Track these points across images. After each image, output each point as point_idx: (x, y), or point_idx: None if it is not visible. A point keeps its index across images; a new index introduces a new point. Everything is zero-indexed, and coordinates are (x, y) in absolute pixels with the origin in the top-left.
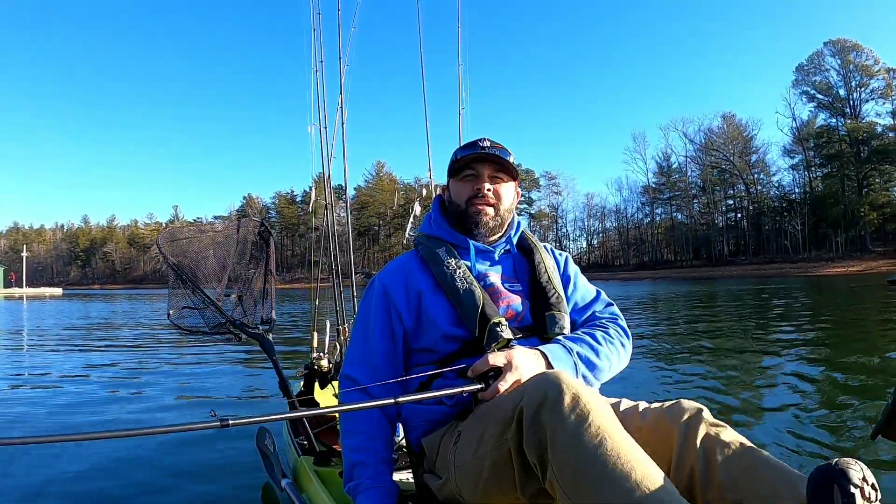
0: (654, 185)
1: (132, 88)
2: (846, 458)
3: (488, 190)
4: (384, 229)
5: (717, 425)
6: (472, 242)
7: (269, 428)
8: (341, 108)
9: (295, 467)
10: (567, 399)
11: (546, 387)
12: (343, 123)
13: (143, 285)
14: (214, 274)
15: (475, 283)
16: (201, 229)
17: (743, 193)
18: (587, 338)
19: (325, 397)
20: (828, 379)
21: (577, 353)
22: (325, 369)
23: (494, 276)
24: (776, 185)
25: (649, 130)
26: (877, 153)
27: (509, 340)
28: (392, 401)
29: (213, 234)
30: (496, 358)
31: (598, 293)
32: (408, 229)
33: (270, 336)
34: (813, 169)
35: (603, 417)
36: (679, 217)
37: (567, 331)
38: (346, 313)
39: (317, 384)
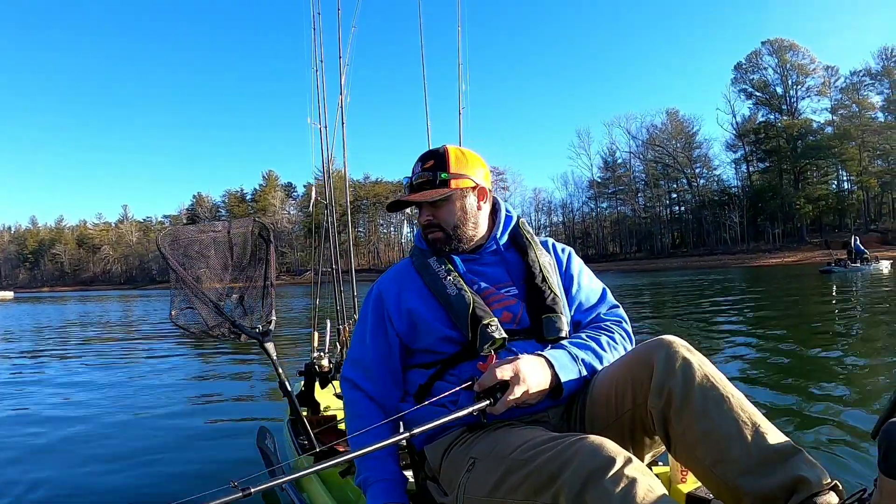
0: (598, 180)
1: (76, 87)
2: None
3: (427, 220)
4: (334, 227)
5: (697, 356)
6: (454, 256)
7: (269, 427)
8: (341, 107)
9: (295, 467)
10: (611, 473)
11: (590, 461)
12: (343, 123)
13: (94, 286)
14: (216, 275)
15: (466, 287)
16: (202, 230)
17: (685, 188)
18: (592, 343)
19: (326, 397)
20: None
21: (583, 360)
22: (326, 369)
23: (486, 280)
24: (717, 179)
25: (594, 127)
26: (811, 148)
27: (504, 340)
28: (405, 435)
29: (214, 234)
30: (503, 371)
31: (604, 293)
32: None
33: (270, 336)
34: (752, 163)
35: (649, 489)
36: (624, 210)
37: (565, 332)
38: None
39: (317, 384)
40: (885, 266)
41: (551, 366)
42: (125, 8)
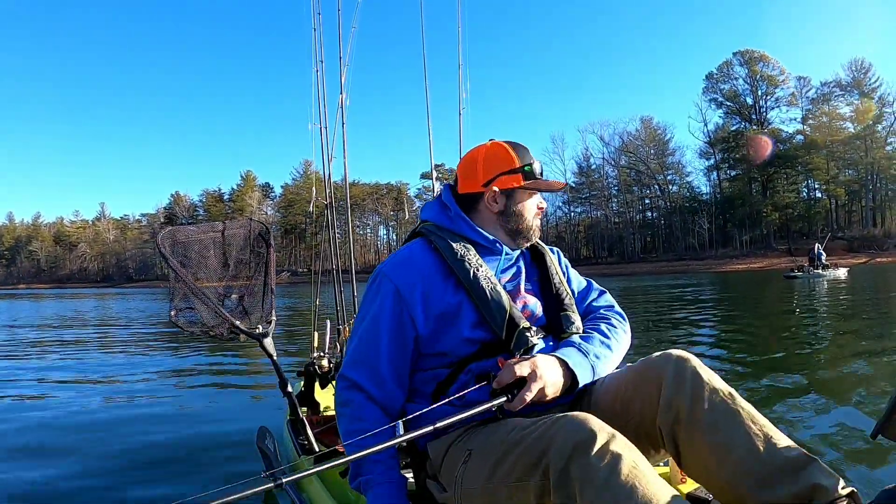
0: (573, 185)
1: (54, 83)
2: None
3: (542, 208)
4: (310, 227)
5: (706, 371)
6: (504, 247)
7: (269, 427)
8: (341, 107)
9: (295, 467)
10: (596, 448)
11: (575, 436)
12: (343, 123)
13: (70, 284)
14: (216, 275)
15: (499, 285)
16: (202, 230)
17: (658, 194)
18: (597, 335)
19: (326, 397)
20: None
21: (594, 354)
22: (326, 369)
23: (512, 278)
24: (688, 186)
25: (568, 132)
26: (778, 157)
27: (534, 346)
28: (430, 429)
29: (214, 234)
30: (522, 368)
31: (590, 283)
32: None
33: (270, 336)
34: (723, 171)
35: (633, 465)
36: (597, 215)
37: (580, 329)
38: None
39: (317, 384)
40: (842, 272)
41: (565, 364)
42: (103, 4)
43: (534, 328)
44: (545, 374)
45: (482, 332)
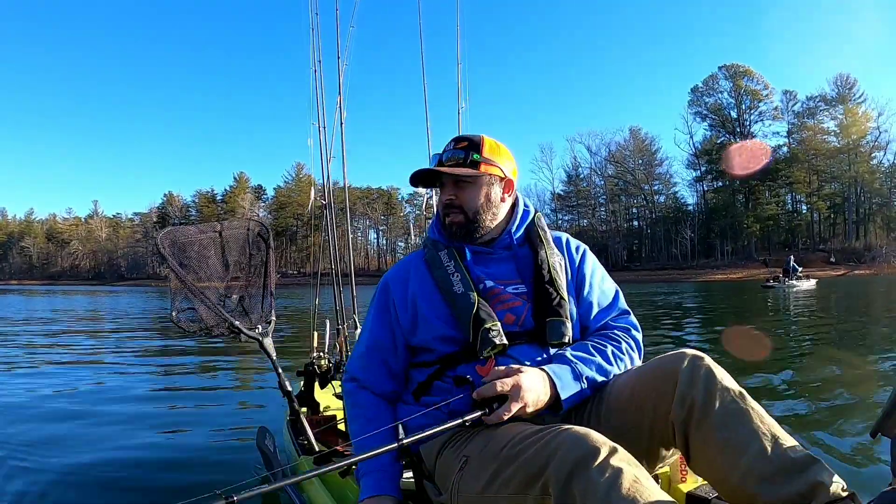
0: (561, 193)
1: (48, 80)
2: None
3: (451, 198)
4: (301, 230)
5: (719, 369)
6: (467, 247)
7: (268, 428)
8: (340, 107)
9: (295, 467)
10: (597, 462)
11: (576, 451)
12: (342, 123)
13: (61, 281)
14: (215, 275)
15: (472, 286)
16: (201, 230)
17: (644, 203)
18: (598, 357)
19: (325, 397)
20: None
21: (587, 377)
22: (325, 369)
23: (494, 279)
24: (673, 196)
25: (556, 141)
26: (759, 171)
27: (504, 346)
28: (395, 445)
29: (213, 234)
30: (504, 385)
31: (616, 298)
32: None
33: (270, 336)
34: (708, 182)
35: (634, 479)
36: (584, 223)
37: (569, 337)
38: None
39: (317, 384)
40: (811, 283)
41: (553, 383)
42: (97, 3)
43: (499, 328)
44: (527, 393)
45: (456, 332)
